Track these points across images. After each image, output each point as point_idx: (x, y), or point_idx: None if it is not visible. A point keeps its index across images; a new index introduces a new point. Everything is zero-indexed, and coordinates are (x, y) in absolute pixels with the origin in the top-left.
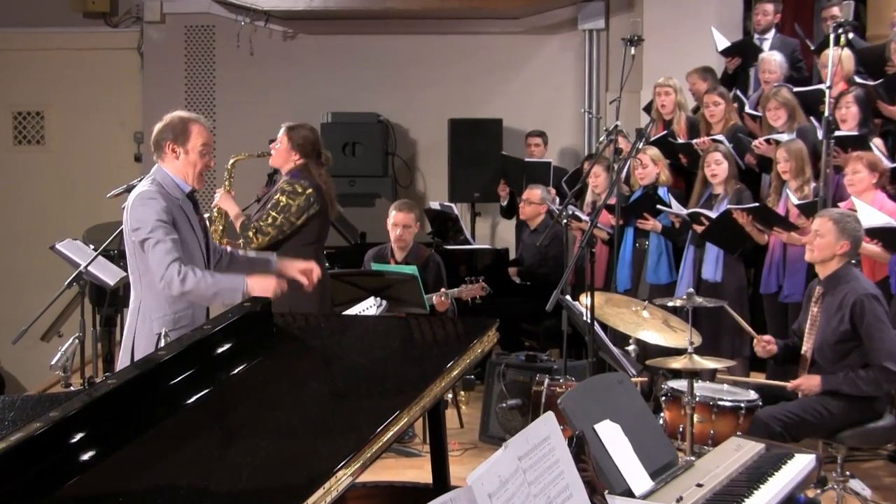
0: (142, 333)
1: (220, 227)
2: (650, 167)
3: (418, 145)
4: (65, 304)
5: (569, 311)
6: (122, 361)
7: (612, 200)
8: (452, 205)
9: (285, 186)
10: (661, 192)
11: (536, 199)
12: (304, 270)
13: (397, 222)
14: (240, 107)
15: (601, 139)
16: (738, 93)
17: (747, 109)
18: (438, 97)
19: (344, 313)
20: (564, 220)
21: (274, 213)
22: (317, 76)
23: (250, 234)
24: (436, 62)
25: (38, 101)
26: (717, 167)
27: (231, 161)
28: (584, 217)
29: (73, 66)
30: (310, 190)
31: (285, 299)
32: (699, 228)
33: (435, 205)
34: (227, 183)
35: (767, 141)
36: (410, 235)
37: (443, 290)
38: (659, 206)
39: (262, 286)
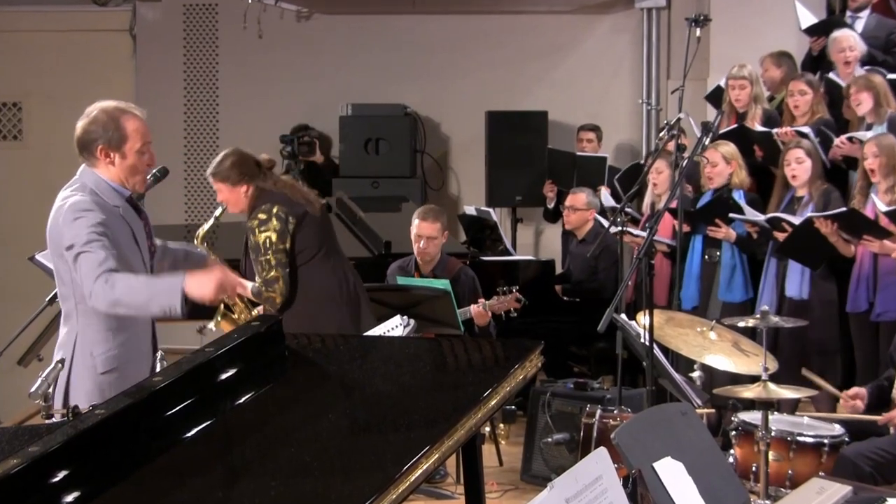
0: (81, 376)
1: (238, 304)
2: (721, 166)
3: (451, 142)
4: (45, 323)
5: (624, 333)
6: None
7: (674, 204)
8: (490, 210)
9: (252, 224)
10: (736, 195)
11: (582, 205)
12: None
13: (421, 233)
14: (247, 98)
15: (661, 134)
16: (835, 76)
17: None
18: (474, 86)
19: (366, 334)
20: (619, 228)
21: (264, 257)
22: (335, 62)
23: (265, 293)
24: (471, 46)
25: (15, 90)
26: (798, 167)
27: (199, 237)
28: (637, 232)
29: (55, 50)
30: (275, 208)
31: (309, 320)
32: (781, 236)
33: (470, 210)
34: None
35: (850, 139)
36: (436, 248)
37: (481, 300)
38: (732, 215)
39: (202, 284)
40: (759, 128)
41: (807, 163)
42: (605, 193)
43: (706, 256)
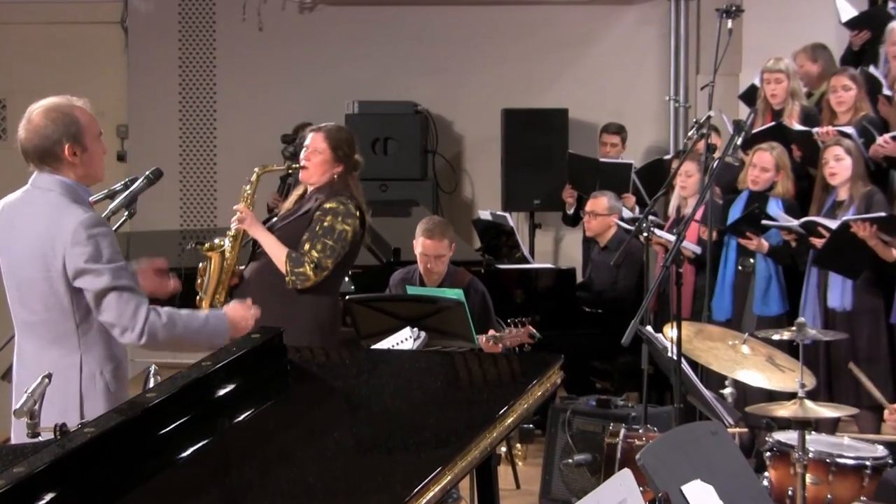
0: (94, 399)
1: (234, 252)
2: (771, 173)
3: (465, 141)
4: None
5: (650, 346)
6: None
7: (702, 210)
8: (507, 214)
9: (335, 206)
10: (773, 204)
11: (603, 210)
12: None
13: (427, 252)
14: (246, 95)
15: (690, 133)
16: (874, 70)
17: (885, 91)
18: (490, 82)
19: (373, 347)
20: (645, 234)
21: (331, 242)
22: (340, 56)
23: (308, 269)
24: (487, 39)
25: (0, 87)
26: (836, 164)
27: (256, 173)
28: (664, 235)
29: (41, 43)
30: (358, 211)
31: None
32: (818, 242)
33: (485, 214)
34: (249, 201)
35: (894, 138)
36: (443, 266)
37: (492, 331)
38: (765, 222)
39: (242, 318)
40: (797, 126)
41: (846, 160)
42: (625, 211)
43: (740, 266)
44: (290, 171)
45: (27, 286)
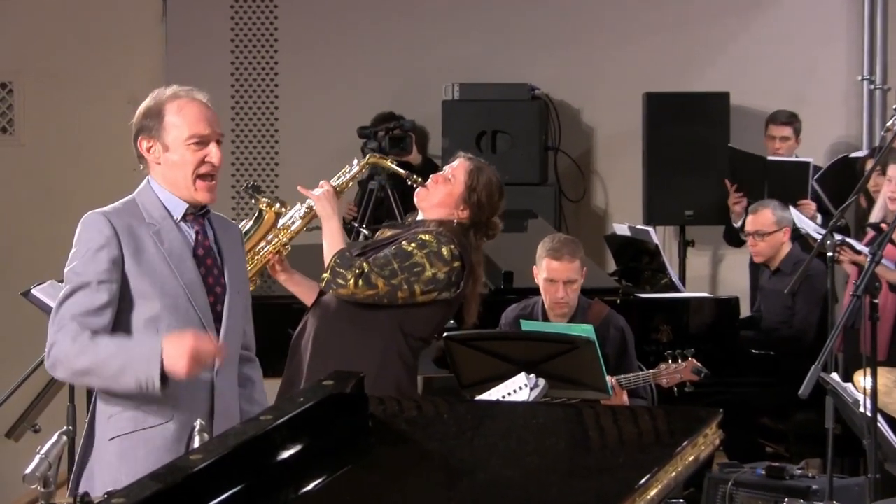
0: (98, 445)
1: (295, 228)
2: None
3: (596, 135)
4: (44, 381)
5: (836, 399)
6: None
7: None
8: (650, 229)
9: (428, 239)
10: None
11: (770, 226)
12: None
13: (554, 276)
14: (315, 77)
15: (889, 123)
16: None
17: None
18: (628, 60)
19: (478, 398)
20: (830, 253)
21: (395, 264)
22: (436, 28)
23: (350, 275)
24: (624, 4)
25: (4, 67)
26: None
27: (367, 159)
28: (863, 249)
29: (58, 15)
30: (458, 263)
31: None
32: None
33: (622, 229)
34: (341, 183)
35: None
36: (575, 294)
37: (612, 379)
38: None
39: (177, 354)
40: None
41: None
42: (797, 214)
43: None
44: (408, 181)
45: None
